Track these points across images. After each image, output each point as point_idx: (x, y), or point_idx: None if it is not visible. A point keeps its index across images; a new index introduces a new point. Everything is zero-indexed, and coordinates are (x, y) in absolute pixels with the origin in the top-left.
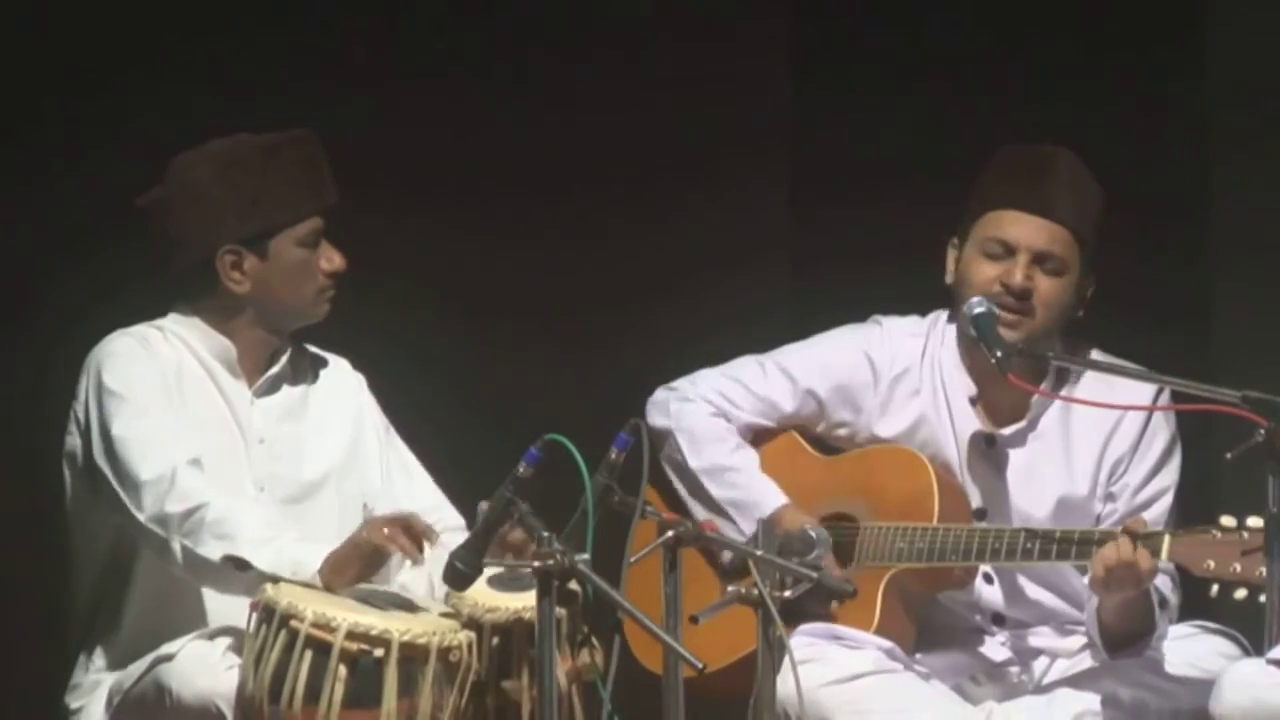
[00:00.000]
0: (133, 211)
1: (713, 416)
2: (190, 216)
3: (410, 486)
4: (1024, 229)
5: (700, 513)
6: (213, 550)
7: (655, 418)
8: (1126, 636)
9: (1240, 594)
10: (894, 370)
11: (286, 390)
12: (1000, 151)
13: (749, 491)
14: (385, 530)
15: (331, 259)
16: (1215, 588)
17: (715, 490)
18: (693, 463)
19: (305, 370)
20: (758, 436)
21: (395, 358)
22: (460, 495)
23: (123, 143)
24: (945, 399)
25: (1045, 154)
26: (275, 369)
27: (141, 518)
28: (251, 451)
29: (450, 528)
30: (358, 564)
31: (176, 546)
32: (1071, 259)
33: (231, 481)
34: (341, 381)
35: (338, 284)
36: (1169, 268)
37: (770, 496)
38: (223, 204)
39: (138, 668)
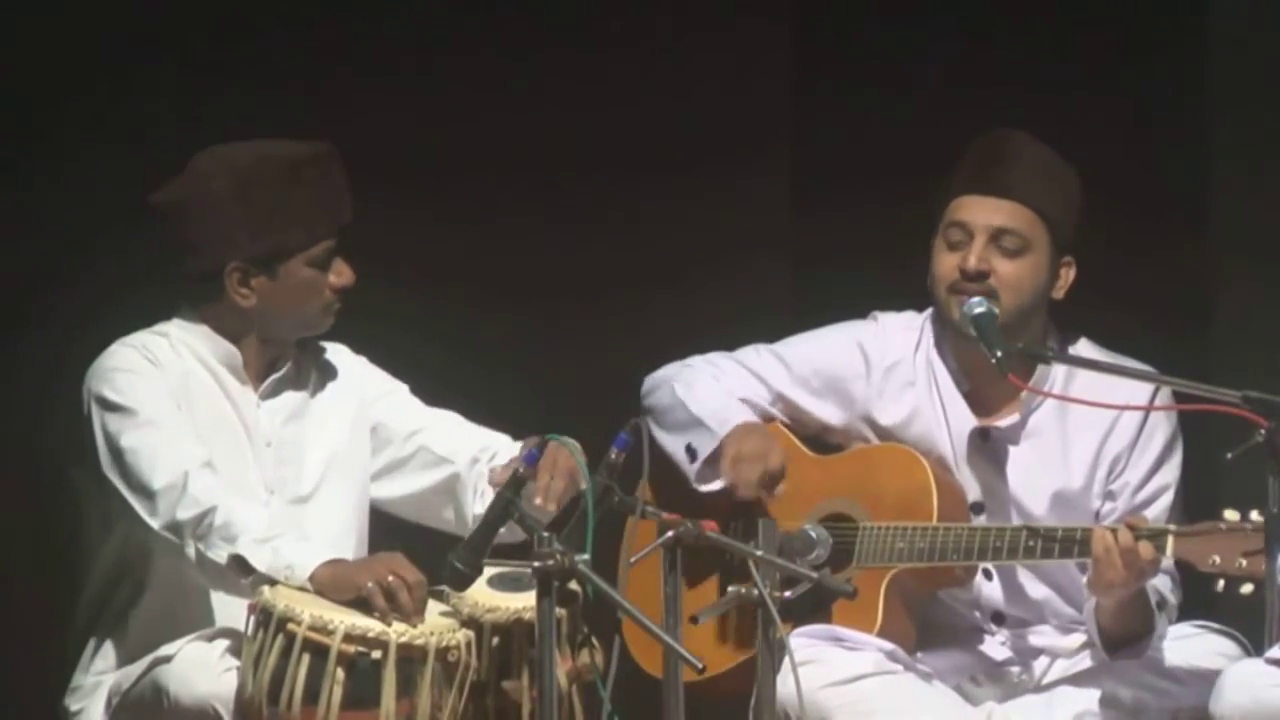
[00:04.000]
0: (143, 210)
1: (712, 379)
2: (203, 226)
3: (455, 421)
4: (978, 210)
5: (679, 443)
6: (220, 553)
7: (650, 383)
8: (1125, 637)
9: (1247, 589)
10: (886, 361)
11: (291, 392)
12: (970, 143)
13: (732, 406)
14: (385, 582)
15: (341, 274)
16: (1221, 583)
17: (696, 407)
18: (682, 393)
19: (310, 370)
20: None
21: (393, 355)
22: None
23: (130, 145)
24: (939, 394)
25: (1000, 137)
26: (280, 372)
27: (156, 525)
28: (259, 455)
29: (497, 447)
30: (352, 594)
31: (191, 552)
32: (1035, 237)
33: (242, 486)
34: (341, 371)
35: (345, 297)
36: (1169, 268)
37: (751, 416)
38: (237, 220)
39: (136, 669)
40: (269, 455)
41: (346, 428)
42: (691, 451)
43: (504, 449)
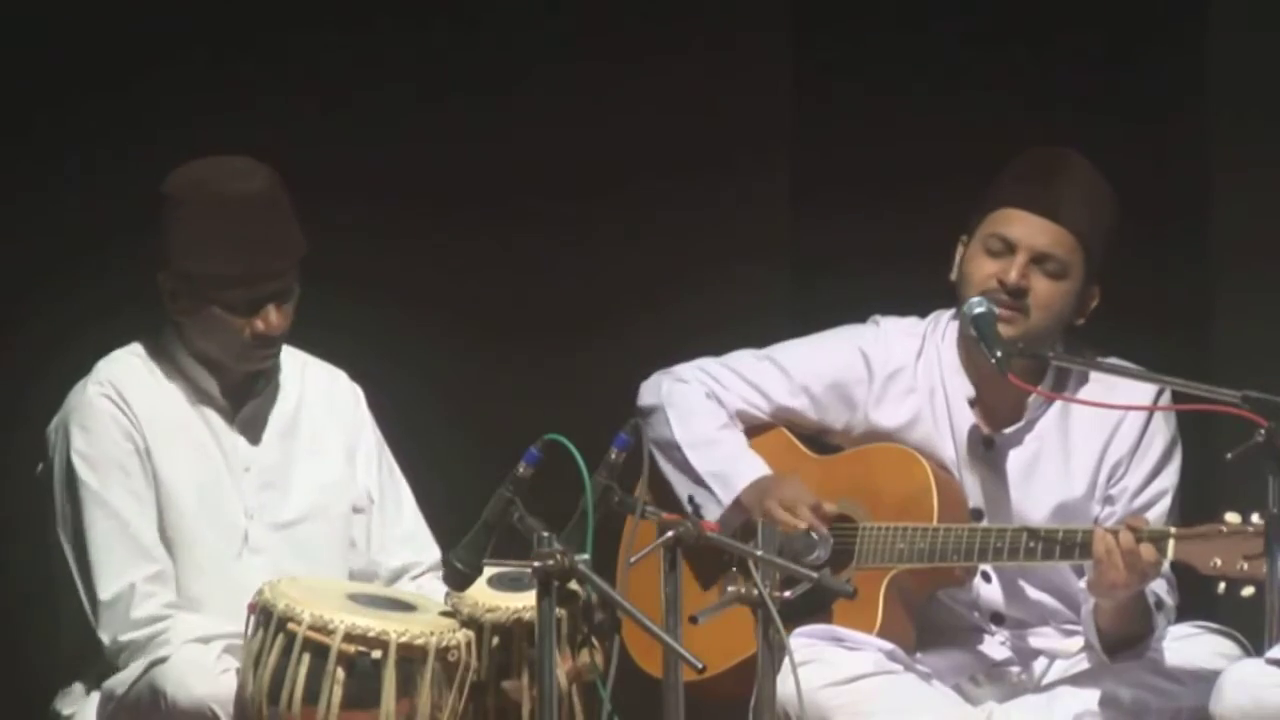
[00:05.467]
0: (121, 230)
1: (706, 398)
2: (155, 230)
3: (399, 515)
4: (1027, 228)
5: (682, 490)
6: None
7: (646, 397)
8: (1124, 639)
9: (1248, 591)
10: (888, 368)
11: (273, 415)
12: (1021, 153)
13: (733, 462)
14: None
15: (265, 322)
16: (1222, 585)
17: (699, 462)
18: (679, 434)
19: (297, 392)
20: (749, 431)
21: (395, 362)
22: (466, 495)
23: (110, 163)
24: (945, 399)
25: (1060, 157)
26: (259, 395)
27: (103, 638)
28: (238, 480)
29: (427, 566)
30: None
31: (132, 669)
32: (1074, 264)
33: (221, 512)
34: (337, 397)
35: (272, 344)
36: (1170, 269)
37: (754, 467)
38: (166, 233)
39: (132, 672)
40: (248, 480)
41: (340, 447)
42: (695, 506)
43: (429, 565)
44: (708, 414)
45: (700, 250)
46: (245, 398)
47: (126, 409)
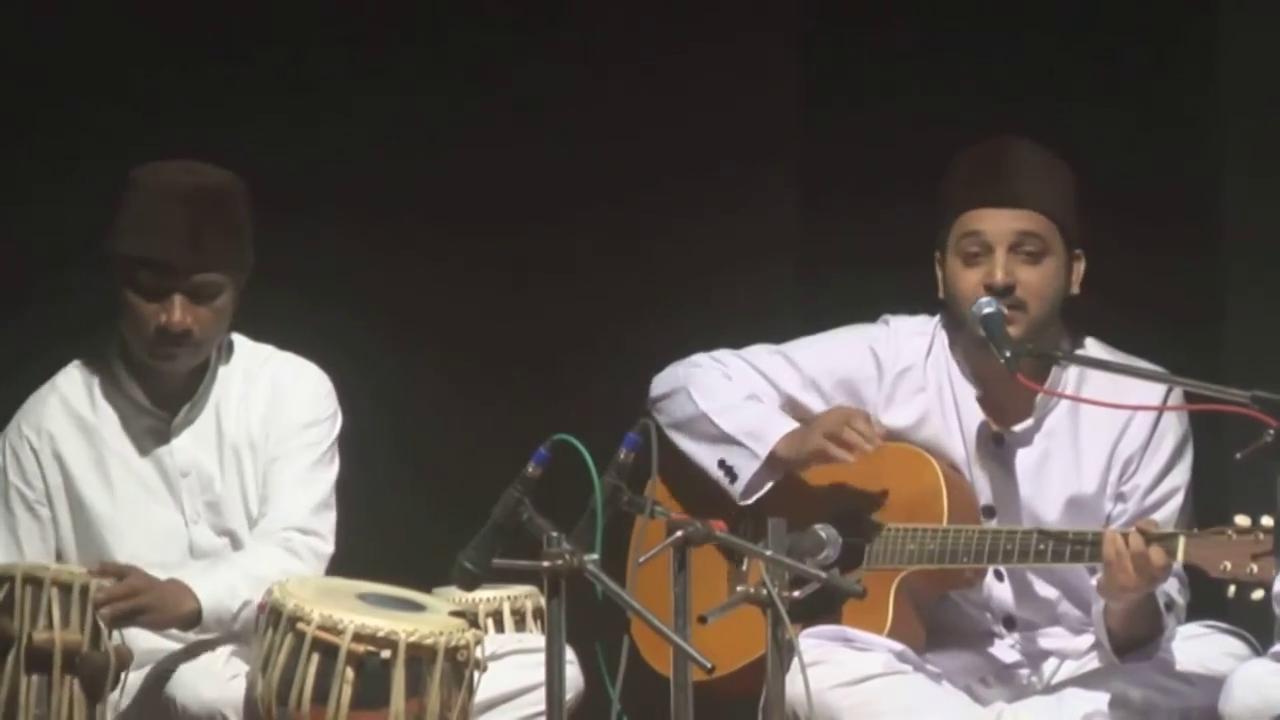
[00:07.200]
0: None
1: (724, 378)
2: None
3: (276, 484)
4: (994, 222)
5: (711, 458)
6: None
7: (662, 385)
8: (1134, 640)
9: (1257, 594)
10: (898, 366)
11: (214, 413)
12: (956, 156)
13: (765, 419)
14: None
15: (170, 314)
16: (1232, 589)
17: (729, 424)
18: (704, 405)
19: (241, 386)
20: None
21: (407, 361)
22: (478, 494)
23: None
24: (954, 396)
25: (999, 146)
26: (197, 396)
27: None
28: (174, 486)
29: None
30: None
31: None
32: (1050, 240)
33: (160, 525)
34: (299, 390)
35: (175, 340)
36: (1180, 268)
37: (786, 422)
38: (114, 214)
39: (136, 679)
40: (186, 485)
41: (290, 451)
42: (728, 469)
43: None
44: (730, 388)
45: (708, 252)
46: (183, 401)
47: (39, 454)
